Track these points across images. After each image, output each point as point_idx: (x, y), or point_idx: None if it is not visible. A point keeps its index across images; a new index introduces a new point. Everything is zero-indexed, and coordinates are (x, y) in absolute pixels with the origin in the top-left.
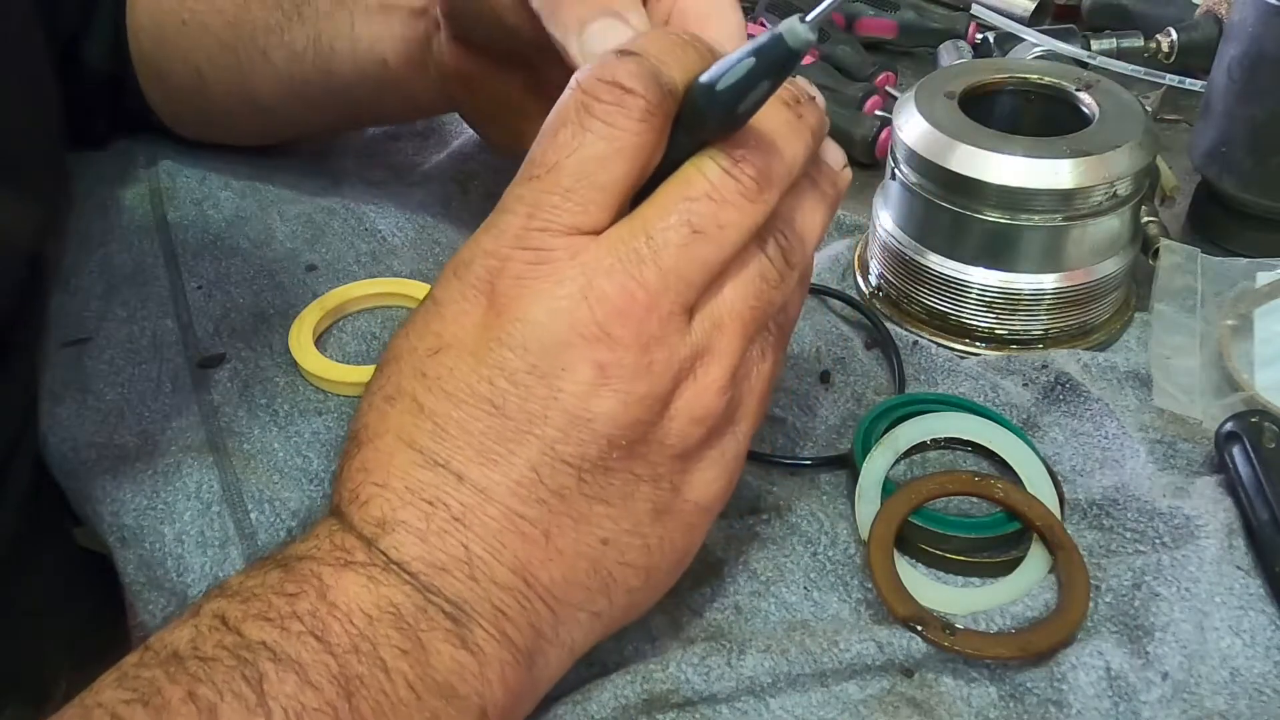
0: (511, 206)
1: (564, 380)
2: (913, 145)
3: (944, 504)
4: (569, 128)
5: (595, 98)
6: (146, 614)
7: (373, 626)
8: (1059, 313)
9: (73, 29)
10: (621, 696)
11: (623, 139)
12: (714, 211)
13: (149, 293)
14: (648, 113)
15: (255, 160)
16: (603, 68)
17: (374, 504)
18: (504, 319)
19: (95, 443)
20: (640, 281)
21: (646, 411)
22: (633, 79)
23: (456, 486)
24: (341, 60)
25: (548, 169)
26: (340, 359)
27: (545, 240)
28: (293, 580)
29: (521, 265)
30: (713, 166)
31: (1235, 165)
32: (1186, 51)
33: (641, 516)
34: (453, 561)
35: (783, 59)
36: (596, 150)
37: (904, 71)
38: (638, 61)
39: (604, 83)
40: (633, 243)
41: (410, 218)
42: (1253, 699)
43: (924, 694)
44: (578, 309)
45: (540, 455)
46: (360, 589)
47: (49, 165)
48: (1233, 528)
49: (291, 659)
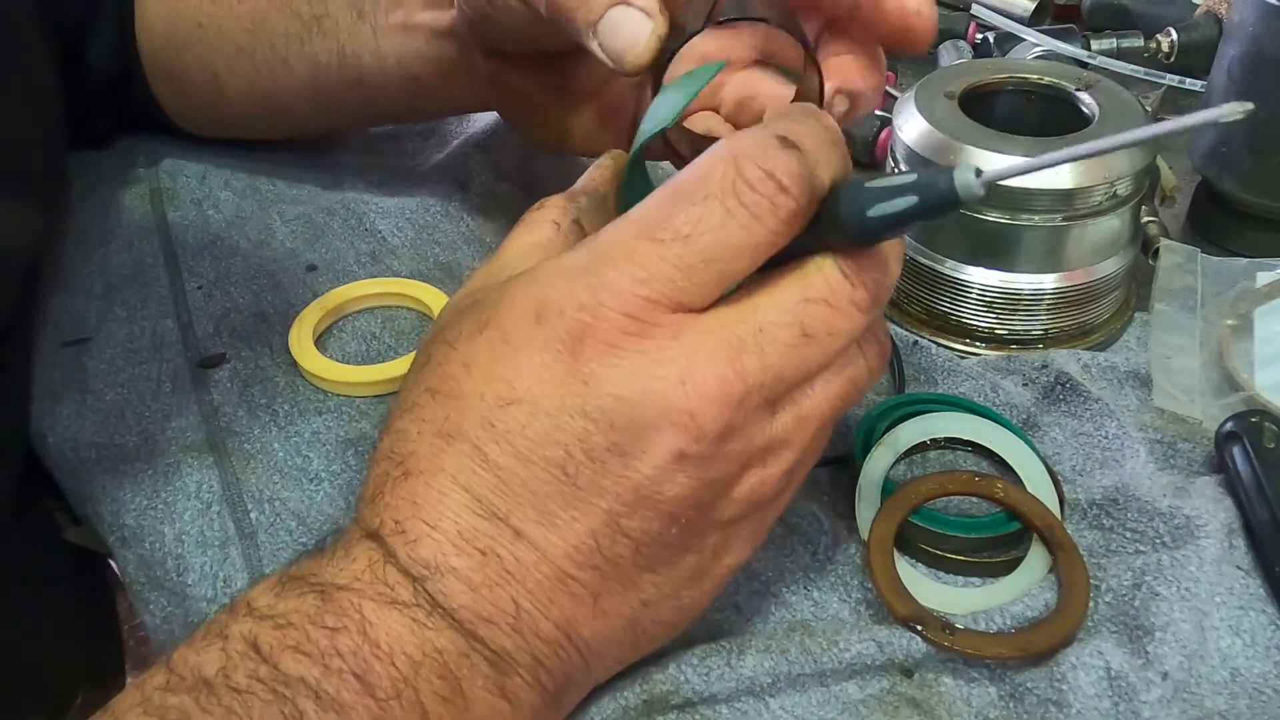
0: (620, 264)
1: (642, 460)
2: (913, 145)
3: (944, 504)
4: (714, 204)
5: (750, 185)
6: (147, 614)
7: (416, 671)
8: (1059, 313)
9: (77, 28)
10: (621, 697)
11: (763, 236)
12: (828, 317)
13: (149, 293)
14: (795, 215)
15: (255, 160)
16: (765, 154)
17: (423, 544)
18: (592, 388)
19: (95, 443)
20: (739, 373)
21: (713, 495)
22: (792, 180)
23: (513, 541)
24: (369, 72)
25: (676, 238)
26: (340, 359)
27: (652, 313)
28: (332, 613)
29: (618, 333)
30: (836, 273)
31: (1235, 165)
32: (1186, 51)
33: (682, 581)
34: (500, 614)
35: (944, 207)
36: (735, 239)
37: (904, 71)
38: (799, 160)
39: (764, 173)
40: (740, 330)
41: (410, 218)
42: (1253, 699)
43: (924, 694)
44: (673, 394)
45: (602, 525)
46: (404, 630)
47: (51, 173)
48: (1233, 528)
49: (332, 698)
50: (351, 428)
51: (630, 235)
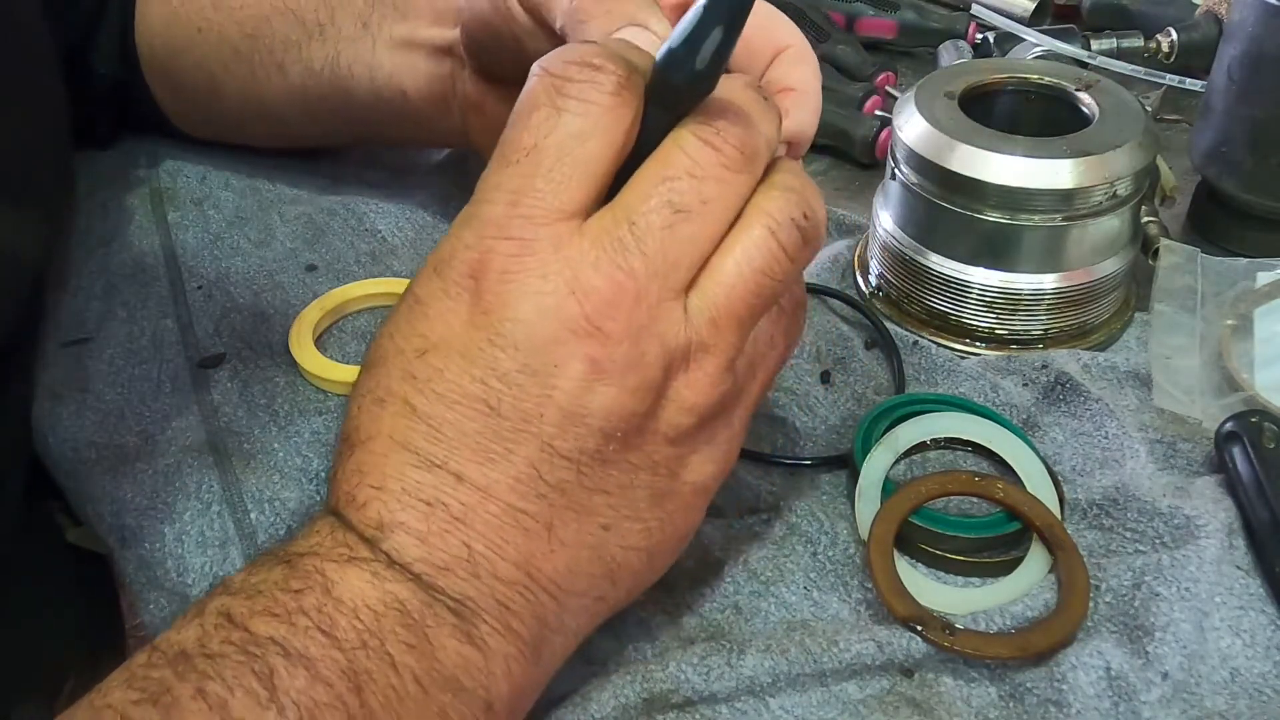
0: (490, 196)
1: (557, 377)
2: (913, 145)
3: (944, 504)
4: (542, 110)
5: (566, 78)
6: (147, 614)
7: (379, 622)
8: (1059, 313)
9: (80, 34)
10: (621, 696)
11: (598, 114)
12: (696, 188)
13: (149, 293)
14: (620, 86)
15: (255, 160)
16: (567, 50)
17: (371, 506)
18: (492, 318)
19: (95, 443)
20: (627, 271)
21: (640, 403)
22: (600, 57)
23: (455, 486)
24: (359, 84)
25: (526, 152)
26: (340, 359)
27: (528, 229)
28: (297, 576)
29: (505, 258)
30: (691, 140)
31: (1235, 165)
32: (1186, 51)
33: (641, 502)
34: (454, 561)
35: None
36: (574, 127)
37: (904, 71)
38: (600, 47)
39: (573, 63)
40: (616, 231)
41: (410, 218)
42: (1253, 699)
43: (924, 694)
44: (566, 305)
45: (538, 452)
46: (365, 584)
47: (58, 180)
48: (1233, 528)
49: (300, 654)
50: None
51: (490, 172)
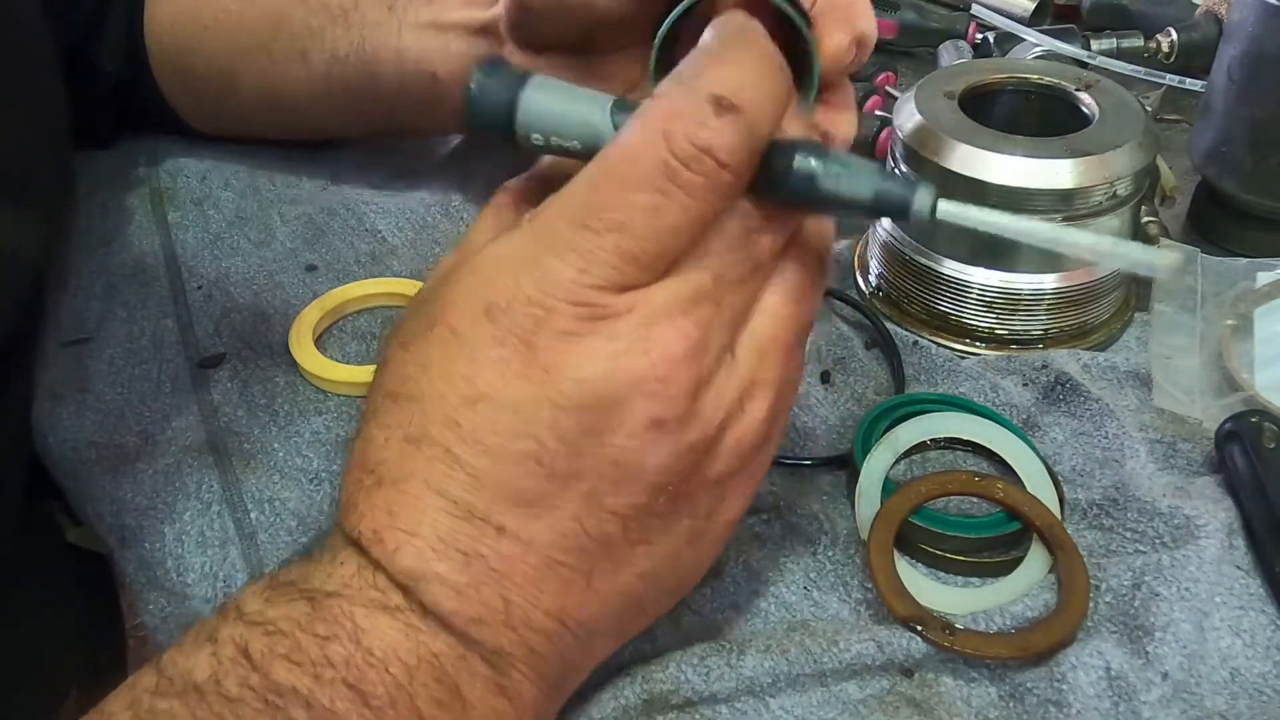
0: (561, 253)
1: (616, 435)
2: (913, 145)
3: (944, 504)
4: (646, 190)
5: (685, 165)
6: (147, 614)
7: (410, 676)
8: (1059, 313)
9: (81, 33)
10: (621, 696)
11: (702, 211)
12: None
13: (149, 293)
14: (734, 187)
15: (255, 160)
16: (700, 126)
17: (404, 553)
18: (555, 378)
19: (95, 443)
20: (697, 320)
21: (697, 456)
22: (731, 154)
23: (496, 538)
24: (385, 69)
25: (611, 228)
26: (340, 359)
27: (599, 297)
28: (323, 620)
29: (570, 321)
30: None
31: (1235, 165)
32: (1186, 51)
33: (680, 546)
34: (490, 613)
35: (888, 214)
36: (672, 221)
37: (904, 71)
38: (737, 128)
39: (698, 151)
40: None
41: (410, 218)
42: (1253, 699)
43: (924, 694)
44: (638, 366)
45: (584, 506)
46: (398, 635)
47: (59, 181)
48: (1233, 528)
49: (325, 709)
50: (351, 428)
51: (566, 222)
